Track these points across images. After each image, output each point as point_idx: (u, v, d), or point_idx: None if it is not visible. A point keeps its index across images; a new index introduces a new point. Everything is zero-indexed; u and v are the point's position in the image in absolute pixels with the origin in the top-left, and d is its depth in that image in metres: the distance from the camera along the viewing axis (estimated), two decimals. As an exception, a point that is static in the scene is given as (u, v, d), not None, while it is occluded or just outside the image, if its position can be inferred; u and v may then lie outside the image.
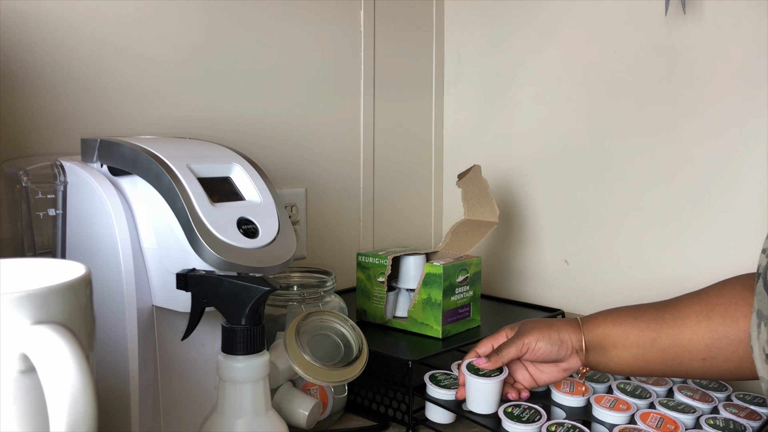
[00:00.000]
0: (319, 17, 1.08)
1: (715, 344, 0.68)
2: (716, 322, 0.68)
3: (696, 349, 0.69)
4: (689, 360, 0.70)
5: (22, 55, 0.76)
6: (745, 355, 0.67)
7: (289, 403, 0.72)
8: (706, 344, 0.69)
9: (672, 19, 0.99)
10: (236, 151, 0.69)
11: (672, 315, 0.71)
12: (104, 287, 0.60)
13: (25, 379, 0.38)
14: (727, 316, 0.68)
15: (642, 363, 0.72)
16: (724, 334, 0.68)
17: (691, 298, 0.72)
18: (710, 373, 0.70)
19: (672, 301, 0.73)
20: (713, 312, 0.69)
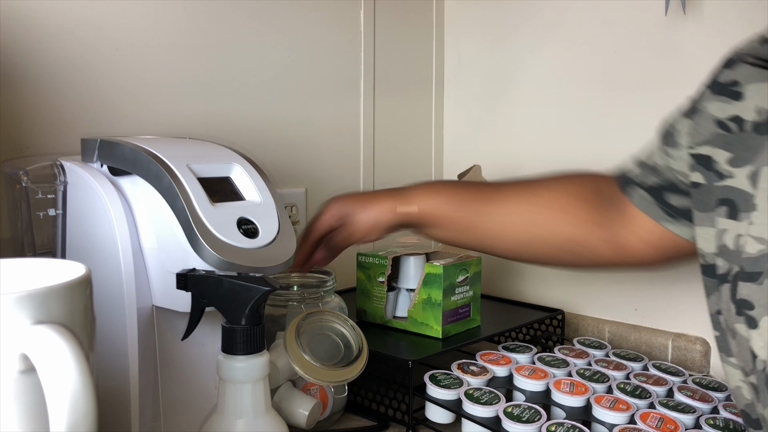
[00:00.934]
0: (319, 17, 1.08)
1: (528, 242, 0.75)
2: (535, 225, 0.74)
3: (508, 242, 0.76)
4: (500, 250, 0.77)
5: (22, 55, 0.76)
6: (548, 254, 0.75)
7: (289, 403, 0.72)
8: (519, 241, 0.75)
9: (672, 19, 0.99)
10: (236, 151, 0.69)
11: (494, 208, 0.75)
12: (104, 287, 0.60)
13: (26, 379, 0.38)
14: (548, 222, 0.73)
15: (456, 242, 0.79)
16: (539, 236, 0.74)
17: (518, 194, 0.75)
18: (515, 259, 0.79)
19: (501, 191, 0.76)
20: (535, 215, 0.74)
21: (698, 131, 0.61)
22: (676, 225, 0.67)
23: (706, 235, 0.59)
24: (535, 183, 0.76)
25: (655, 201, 0.68)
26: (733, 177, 0.56)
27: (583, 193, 0.74)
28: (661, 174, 0.67)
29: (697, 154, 0.60)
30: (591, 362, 0.87)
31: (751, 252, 0.53)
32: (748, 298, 0.53)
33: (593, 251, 0.73)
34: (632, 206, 0.69)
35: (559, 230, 0.73)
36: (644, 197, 0.68)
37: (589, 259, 0.74)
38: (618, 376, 0.82)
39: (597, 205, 0.73)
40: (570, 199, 0.73)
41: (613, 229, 0.71)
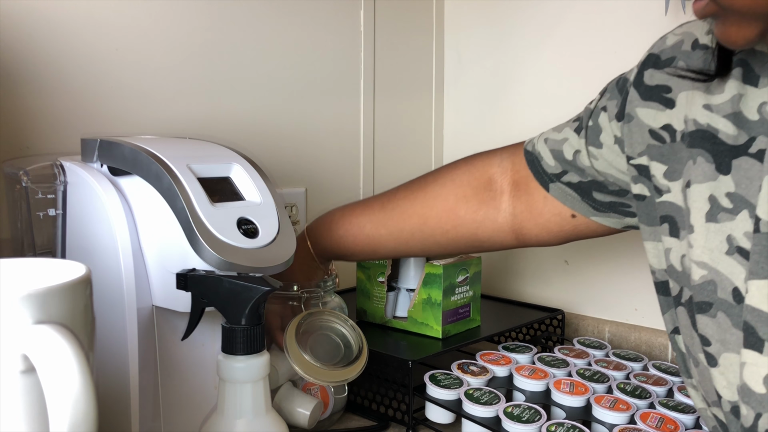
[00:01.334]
0: (319, 17, 1.08)
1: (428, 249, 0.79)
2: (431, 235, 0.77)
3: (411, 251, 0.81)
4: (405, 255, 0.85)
5: (22, 55, 0.76)
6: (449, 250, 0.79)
7: (290, 403, 0.72)
8: (421, 249, 0.79)
9: (672, 19, 0.99)
10: (236, 151, 0.69)
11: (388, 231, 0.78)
12: (104, 287, 0.60)
13: (26, 379, 0.38)
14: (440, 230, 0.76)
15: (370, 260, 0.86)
16: (437, 242, 0.77)
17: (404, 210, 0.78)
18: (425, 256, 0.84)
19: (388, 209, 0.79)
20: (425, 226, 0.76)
21: (635, 140, 0.58)
22: (604, 217, 0.68)
23: (655, 250, 0.58)
24: (417, 191, 0.78)
25: (581, 197, 0.67)
26: (670, 191, 0.55)
27: (468, 192, 0.74)
28: (587, 174, 0.66)
29: (638, 165, 0.58)
30: (591, 362, 0.87)
31: (695, 279, 0.51)
32: (704, 333, 0.50)
33: (491, 241, 0.75)
34: (546, 199, 0.69)
35: (448, 234, 0.76)
36: (568, 193, 0.68)
37: (489, 248, 0.77)
38: (618, 376, 0.82)
39: (487, 201, 0.73)
40: (451, 203, 0.75)
41: (512, 219, 0.72)
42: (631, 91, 0.60)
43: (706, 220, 0.51)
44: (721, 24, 0.45)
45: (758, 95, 0.50)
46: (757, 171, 0.49)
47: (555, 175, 0.68)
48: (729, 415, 0.49)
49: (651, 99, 0.57)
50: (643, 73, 0.59)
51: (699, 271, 0.51)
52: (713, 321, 0.50)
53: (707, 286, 0.50)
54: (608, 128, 0.62)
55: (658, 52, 0.59)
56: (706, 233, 0.50)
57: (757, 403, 0.46)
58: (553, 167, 0.68)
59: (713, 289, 0.50)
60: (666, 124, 0.56)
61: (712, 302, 0.50)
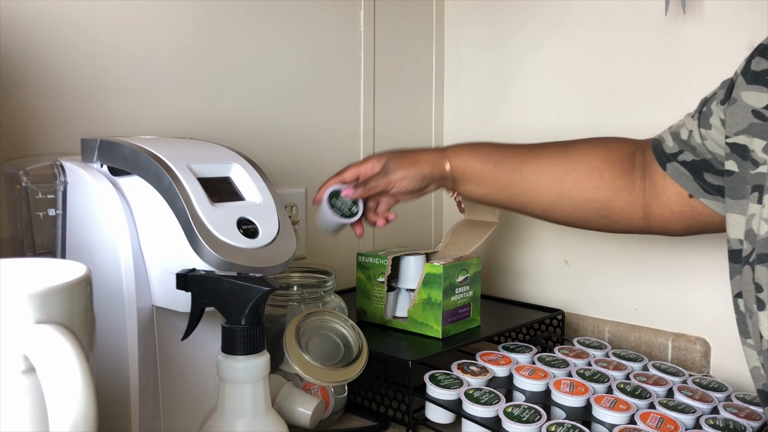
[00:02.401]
0: (319, 17, 1.08)
1: (559, 203, 0.77)
2: (567, 186, 0.76)
3: (540, 202, 0.78)
4: (531, 209, 0.80)
5: (22, 55, 0.76)
6: (578, 215, 0.77)
7: (291, 403, 0.72)
8: (551, 201, 0.77)
9: (672, 19, 0.99)
10: (236, 151, 0.69)
11: (531, 168, 0.77)
12: (104, 287, 0.60)
13: (26, 379, 0.38)
14: (579, 183, 0.75)
15: (490, 199, 0.81)
16: (569, 197, 0.76)
17: (554, 156, 0.77)
18: (545, 219, 0.81)
19: (537, 152, 0.78)
20: (568, 177, 0.76)
21: (735, 121, 0.62)
22: (711, 200, 0.69)
23: (735, 222, 0.60)
24: (570, 146, 0.79)
25: (693, 177, 0.69)
26: (767, 163, 0.57)
27: (616, 158, 0.75)
28: (699, 153, 0.68)
29: (733, 143, 0.61)
30: (591, 362, 0.87)
31: (762, 234, 0.55)
32: (759, 281, 0.54)
33: (621, 215, 0.75)
34: (665, 178, 0.71)
35: (588, 192, 0.75)
36: (681, 172, 0.70)
37: (616, 222, 0.76)
38: (618, 376, 0.82)
39: (629, 172, 0.74)
40: (601, 163, 0.75)
41: (642, 196, 0.73)
42: (738, 79, 0.63)
43: None
44: None
45: None
46: None
47: (672, 155, 0.71)
48: (766, 354, 0.53)
49: (756, 83, 0.60)
50: (750, 61, 0.62)
51: (766, 227, 0.55)
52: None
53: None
54: (716, 112, 0.66)
55: (765, 43, 0.62)
56: None
57: None
58: (671, 147, 0.71)
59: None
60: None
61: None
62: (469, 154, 0.80)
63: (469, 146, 0.81)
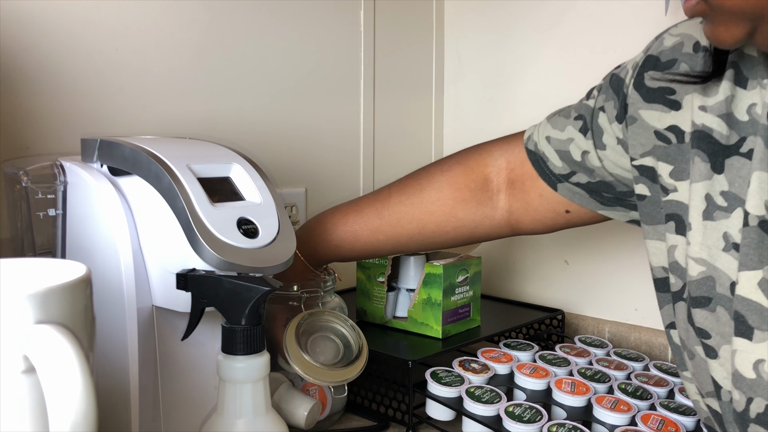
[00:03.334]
0: (319, 17, 1.07)
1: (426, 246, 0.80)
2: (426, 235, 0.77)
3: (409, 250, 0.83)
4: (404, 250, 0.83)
5: (22, 55, 0.76)
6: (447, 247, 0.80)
7: (288, 404, 0.72)
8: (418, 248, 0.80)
9: (672, 19, 0.99)
10: (236, 151, 0.69)
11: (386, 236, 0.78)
12: (104, 287, 0.60)
13: (26, 379, 0.38)
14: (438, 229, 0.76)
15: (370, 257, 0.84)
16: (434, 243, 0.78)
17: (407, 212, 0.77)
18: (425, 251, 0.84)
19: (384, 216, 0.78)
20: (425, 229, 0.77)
21: (639, 142, 0.59)
22: (611, 211, 0.69)
23: (656, 249, 0.58)
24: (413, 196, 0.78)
25: (589, 195, 0.68)
26: (677, 190, 0.55)
27: (468, 195, 0.75)
28: (596, 175, 0.66)
29: (640, 165, 0.59)
30: (592, 361, 0.87)
31: (693, 275, 0.52)
32: (703, 326, 0.52)
33: (488, 236, 0.77)
34: (538, 195, 0.71)
35: (448, 234, 0.77)
36: (576, 192, 0.69)
37: (484, 240, 0.79)
38: (619, 375, 0.82)
39: (484, 202, 0.75)
40: (452, 206, 0.75)
41: (508, 216, 0.74)
42: (631, 93, 0.60)
43: (703, 218, 0.52)
44: (711, 23, 0.46)
45: (747, 96, 0.52)
46: (747, 169, 0.50)
47: (563, 176, 0.69)
48: (727, 404, 0.51)
49: (655, 101, 0.58)
50: (643, 75, 0.60)
51: (697, 267, 0.52)
52: (712, 315, 0.51)
53: (706, 282, 0.51)
54: (609, 130, 0.63)
55: (657, 53, 0.60)
56: (703, 230, 0.52)
57: (747, 388, 0.48)
58: (560, 168, 0.69)
59: (712, 285, 0.51)
60: (672, 125, 0.57)
61: (711, 297, 0.51)
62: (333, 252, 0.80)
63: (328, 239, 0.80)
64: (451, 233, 0.76)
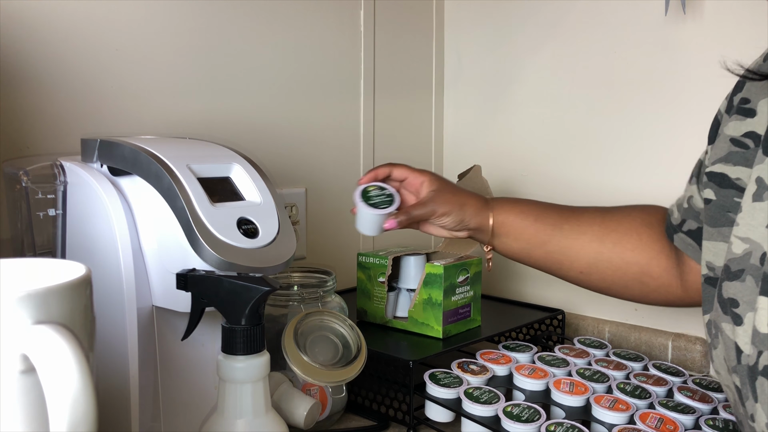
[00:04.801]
0: (319, 17, 1.08)
1: (597, 264, 0.75)
2: (606, 247, 0.74)
3: (578, 262, 0.76)
4: (568, 269, 0.77)
5: (22, 55, 0.76)
6: (616, 279, 0.75)
7: (287, 404, 0.72)
8: (589, 262, 0.75)
9: (672, 19, 0.99)
10: (236, 151, 0.69)
11: (571, 226, 0.76)
12: (104, 287, 0.60)
13: (26, 379, 0.38)
14: (618, 245, 0.74)
15: (525, 256, 0.79)
16: (608, 259, 0.74)
17: (593, 217, 0.76)
18: (581, 283, 0.78)
19: (577, 212, 0.77)
20: (607, 237, 0.74)
21: (715, 153, 0.61)
22: None
23: (716, 249, 0.59)
24: (609, 209, 0.77)
25: (699, 246, 0.66)
26: None
27: (654, 221, 0.74)
28: (701, 218, 0.66)
29: (710, 172, 0.61)
30: (591, 362, 0.87)
31: (736, 252, 0.54)
32: (734, 296, 0.53)
33: (659, 282, 0.73)
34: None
35: (626, 254, 0.73)
36: (688, 243, 0.68)
37: (655, 290, 0.73)
38: (618, 376, 0.82)
39: (664, 236, 0.72)
40: (639, 225, 0.74)
41: (679, 261, 0.71)
42: (723, 118, 0.63)
43: (752, 200, 0.54)
44: None
45: None
46: None
47: (677, 226, 0.70)
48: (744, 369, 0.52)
49: (735, 113, 0.60)
50: (732, 98, 0.62)
51: (741, 245, 0.54)
52: (743, 285, 0.53)
53: (746, 257, 0.53)
54: (707, 157, 0.64)
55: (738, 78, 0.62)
56: (751, 211, 0.54)
57: (760, 342, 0.49)
58: (676, 218, 0.70)
59: (748, 258, 0.53)
60: (749, 132, 0.58)
61: (744, 268, 0.53)
62: (511, 207, 0.78)
63: (511, 200, 0.80)
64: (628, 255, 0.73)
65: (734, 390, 0.55)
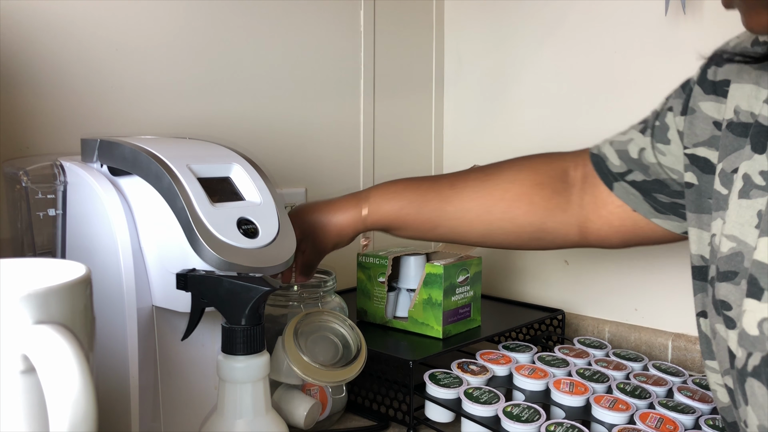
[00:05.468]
0: (319, 17, 1.08)
1: (489, 234, 0.76)
2: (496, 216, 0.75)
3: (471, 235, 0.77)
4: (464, 240, 0.79)
5: (22, 55, 0.76)
6: (511, 241, 0.76)
7: (287, 404, 0.72)
8: (481, 233, 0.76)
9: (672, 19, 0.99)
10: (236, 151, 0.69)
11: (455, 207, 0.76)
12: (104, 287, 0.60)
13: (26, 379, 0.38)
14: (508, 212, 0.74)
15: (420, 239, 0.81)
16: (500, 227, 0.75)
17: (476, 189, 0.76)
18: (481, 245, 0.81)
19: (458, 187, 0.77)
20: (495, 208, 0.75)
21: (693, 132, 0.61)
22: (664, 220, 0.68)
23: (698, 237, 0.59)
24: (494, 173, 0.77)
25: (642, 197, 0.68)
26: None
27: (546, 180, 0.74)
28: (651, 173, 0.67)
29: (692, 154, 0.60)
30: (591, 362, 0.87)
31: (723, 251, 0.54)
32: (726, 298, 0.53)
33: (555, 234, 0.75)
34: (606, 194, 0.70)
35: (518, 219, 0.74)
36: (630, 192, 0.68)
37: (551, 242, 0.76)
38: (618, 376, 0.82)
39: (560, 191, 0.73)
40: (529, 188, 0.74)
41: (579, 212, 0.72)
42: (695, 88, 0.62)
43: (738, 197, 0.53)
44: (744, 13, 0.49)
45: None
46: None
47: (619, 174, 0.70)
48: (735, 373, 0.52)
49: (714, 93, 0.60)
50: (706, 70, 0.62)
51: (728, 243, 0.54)
52: (737, 288, 0.52)
53: (735, 257, 0.53)
54: (673, 124, 0.65)
55: (721, 51, 0.62)
56: (738, 209, 0.53)
57: (749, 345, 0.49)
58: (617, 166, 0.70)
59: (740, 260, 0.52)
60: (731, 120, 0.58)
61: (737, 271, 0.53)
62: (389, 203, 0.78)
63: (388, 192, 0.79)
64: (521, 218, 0.74)
65: (726, 393, 0.55)
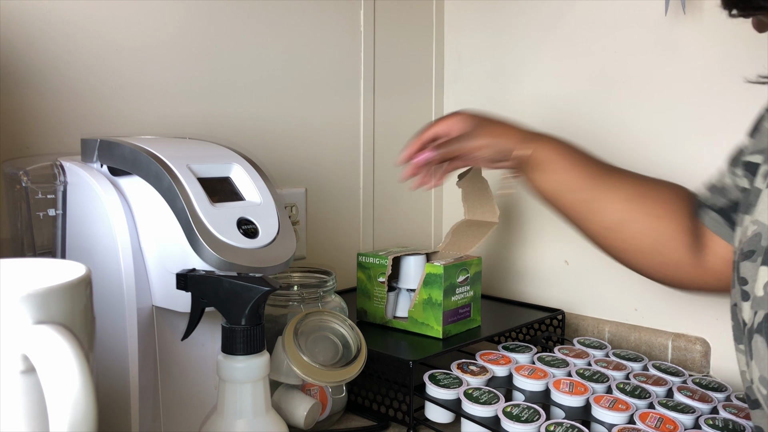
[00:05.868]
0: (319, 17, 1.08)
1: (623, 223, 0.73)
2: (634, 208, 0.73)
3: (607, 217, 0.74)
4: (593, 221, 0.75)
5: (22, 55, 0.76)
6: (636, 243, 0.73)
7: (287, 404, 0.72)
8: (616, 219, 0.74)
9: (672, 19, 0.99)
10: (236, 151, 0.69)
11: (606, 180, 0.74)
12: (104, 287, 0.60)
13: (26, 379, 0.38)
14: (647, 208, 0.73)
15: (555, 198, 0.76)
16: (635, 219, 0.73)
17: (629, 177, 0.75)
18: (601, 241, 0.76)
19: (615, 169, 0.76)
20: (639, 200, 0.73)
21: (755, 145, 0.63)
22: None
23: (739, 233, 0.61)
24: (645, 176, 0.77)
25: (725, 222, 0.67)
26: None
27: (685, 197, 0.74)
28: (729, 194, 0.67)
29: (747, 161, 0.63)
30: (591, 362, 0.87)
31: (748, 234, 0.56)
32: (745, 275, 0.55)
33: (674, 255, 0.71)
34: (707, 229, 0.70)
35: (653, 220, 0.72)
36: (715, 219, 0.68)
37: (667, 262, 0.72)
38: (618, 376, 0.82)
39: (689, 214, 0.72)
40: (672, 197, 0.73)
41: (698, 242, 0.70)
42: (765, 115, 0.64)
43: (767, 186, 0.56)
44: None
45: None
46: None
47: (704, 203, 0.70)
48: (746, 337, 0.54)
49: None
50: None
51: (752, 227, 0.56)
52: (753, 264, 0.55)
53: (755, 238, 0.55)
54: (744, 146, 0.66)
55: None
56: (765, 197, 0.56)
57: (756, 305, 0.52)
58: (704, 196, 0.71)
59: (758, 240, 0.55)
60: None
61: (755, 250, 0.55)
62: (554, 147, 0.76)
63: (555, 141, 0.78)
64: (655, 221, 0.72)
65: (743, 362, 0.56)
